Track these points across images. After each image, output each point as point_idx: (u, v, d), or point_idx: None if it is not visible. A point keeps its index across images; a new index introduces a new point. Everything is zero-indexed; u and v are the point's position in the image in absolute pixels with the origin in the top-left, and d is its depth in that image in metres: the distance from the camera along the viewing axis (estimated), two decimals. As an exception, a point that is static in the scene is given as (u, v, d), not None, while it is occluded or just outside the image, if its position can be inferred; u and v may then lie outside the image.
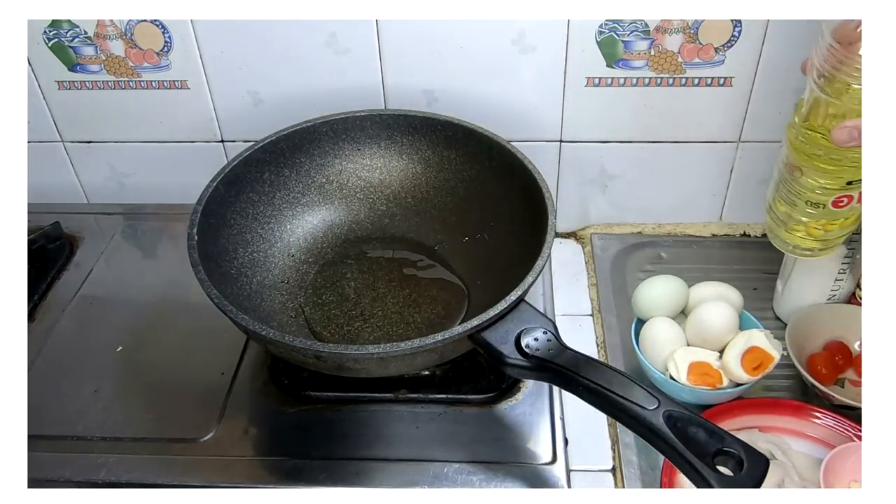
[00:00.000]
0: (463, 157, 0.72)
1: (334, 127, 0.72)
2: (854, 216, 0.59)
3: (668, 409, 0.46)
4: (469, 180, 0.72)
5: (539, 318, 0.54)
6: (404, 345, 0.51)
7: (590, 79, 0.73)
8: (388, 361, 0.54)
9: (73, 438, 0.61)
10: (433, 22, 0.70)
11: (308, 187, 0.73)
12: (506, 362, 0.52)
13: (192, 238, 0.59)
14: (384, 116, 0.73)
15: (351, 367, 0.55)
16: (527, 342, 0.52)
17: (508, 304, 0.53)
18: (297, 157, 0.72)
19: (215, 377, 0.65)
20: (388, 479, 0.57)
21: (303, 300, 0.68)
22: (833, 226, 0.60)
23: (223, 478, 0.58)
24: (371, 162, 0.75)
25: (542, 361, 0.51)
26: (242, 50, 0.74)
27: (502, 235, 0.69)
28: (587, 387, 0.49)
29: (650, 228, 0.83)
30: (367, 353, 0.52)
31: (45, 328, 0.71)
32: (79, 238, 0.83)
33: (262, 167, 0.69)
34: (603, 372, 0.49)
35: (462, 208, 0.73)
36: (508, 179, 0.68)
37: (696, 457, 0.44)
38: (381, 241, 0.74)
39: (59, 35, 0.75)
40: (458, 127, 0.71)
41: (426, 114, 0.72)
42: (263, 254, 0.69)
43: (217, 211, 0.64)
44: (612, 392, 0.48)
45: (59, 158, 0.85)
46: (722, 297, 0.66)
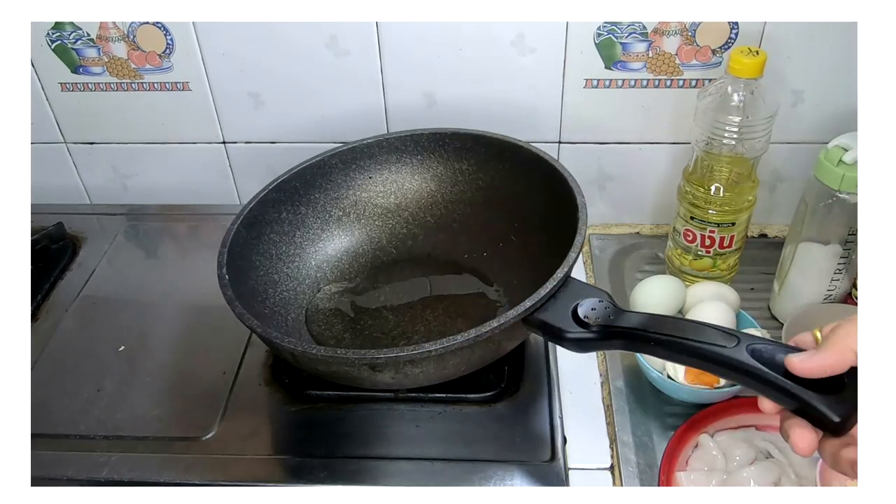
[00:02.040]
0: (475, 165, 0.72)
1: (343, 158, 0.72)
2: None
3: (750, 344, 0.44)
4: (485, 187, 0.72)
5: (590, 289, 0.52)
6: (461, 336, 0.50)
7: (588, 80, 0.73)
8: (445, 359, 0.52)
9: (76, 437, 0.61)
10: (433, 24, 0.71)
11: (326, 222, 0.73)
12: (567, 338, 0.50)
13: (224, 278, 0.58)
14: (391, 140, 0.73)
15: (409, 372, 0.53)
16: (584, 314, 0.50)
17: (557, 281, 0.52)
18: (311, 193, 0.72)
19: (217, 376, 0.66)
20: (388, 478, 0.57)
21: (341, 329, 0.68)
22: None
23: (225, 476, 0.58)
24: (384, 188, 0.75)
25: (606, 328, 0.49)
26: (243, 52, 0.75)
27: (530, 232, 0.69)
28: (661, 342, 0.46)
29: (648, 229, 0.84)
30: (424, 351, 0.50)
31: (49, 328, 0.72)
32: (81, 238, 0.84)
33: (278, 207, 0.69)
34: (672, 323, 0.47)
35: (483, 216, 0.73)
36: (525, 176, 0.68)
37: (794, 383, 0.41)
38: (408, 263, 0.74)
39: (62, 37, 0.76)
40: (466, 136, 0.71)
41: (432, 129, 0.72)
42: (293, 292, 0.69)
43: (241, 253, 0.64)
44: (689, 339, 0.45)
45: (62, 159, 0.86)
46: (719, 296, 0.66)
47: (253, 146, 0.82)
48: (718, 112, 0.63)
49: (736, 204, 0.67)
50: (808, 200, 0.63)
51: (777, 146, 0.74)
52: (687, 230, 0.70)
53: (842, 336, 0.40)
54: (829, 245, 0.64)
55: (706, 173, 0.67)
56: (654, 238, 0.82)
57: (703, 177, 0.67)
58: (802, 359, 0.41)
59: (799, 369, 0.41)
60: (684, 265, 0.73)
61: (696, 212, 0.69)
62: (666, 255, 0.77)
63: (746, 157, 0.65)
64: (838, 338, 0.40)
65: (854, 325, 0.40)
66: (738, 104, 0.63)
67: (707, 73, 0.72)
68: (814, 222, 0.64)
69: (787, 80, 0.71)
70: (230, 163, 0.84)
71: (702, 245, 0.70)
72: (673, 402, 0.63)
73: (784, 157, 0.76)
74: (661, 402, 0.63)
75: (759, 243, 0.81)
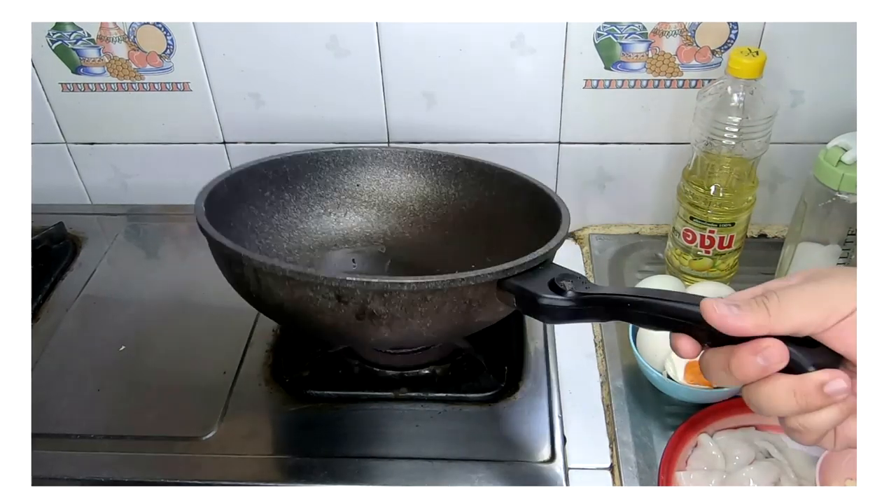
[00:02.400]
0: (462, 190, 0.72)
1: (336, 159, 0.72)
2: None
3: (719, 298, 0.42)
4: (467, 213, 0.72)
5: (569, 271, 0.51)
6: (435, 277, 0.49)
7: (588, 81, 0.73)
8: (414, 306, 0.51)
9: (77, 437, 0.61)
10: (433, 25, 0.71)
11: (306, 215, 0.73)
12: (541, 304, 0.48)
13: (201, 209, 0.57)
14: (385, 152, 0.73)
15: (375, 310, 0.51)
16: (562, 285, 0.49)
17: (538, 256, 0.51)
18: (298, 184, 0.71)
19: (217, 376, 0.66)
20: (388, 477, 0.57)
21: None
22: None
23: (225, 476, 0.58)
24: (369, 198, 0.74)
25: (583, 296, 0.48)
26: (244, 52, 0.75)
27: (507, 253, 0.67)
28: (636, 303, 0.44)
29: (648, 229, 0.84)
30: (396, 283, 0.49)
31: (49, 328, 0.72)
32: (82, 238, 0.84)
33: (264, 184, 0.69)
34: (646, 291, 0.46)
35: (461, 237, 0.72)
36: (510, 202, 0.68)
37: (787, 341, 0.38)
38: (378, 272, 0.73)
39: (62, 37, 0.76)
40: (459, 160, 0.71)
41: (427, 149, 0.72)
42: None
43: (220, 207, 0.62)
44: (664, 300, 0.43)
45: (62, 160, 0.86)
46: (719, 296, 0.66)
47: (253, 146, 0.82)
48: (718, 112, 0.63)
49: (735, 204, 0.67)
50: (807, 200, 0.64)
51: (776, 146, 0.74)
52: (686, 230, 0.71)
53: (785, 304, 0.38)
54: (828, 245, 0.64)
55: (706, 173, 0.67)
56: (654, 238, 0.83)
57: (703, 177, 0.67)
58: (723, 313, 0.38)
59: (714, 320, 0.39)
60: (684, 265, 0.73)
61: (696, 212, 0.69)
62: (665, 255, 0.77)
63: (746, 158, 0.66)
64: (782, 305, 0.38)
65: (802, 294, 0.38)
66: (737, 104, 0.63)
67: (707, 73, 0.72)
68: (813, 222, 0.64)
69: (787, 81, 0.71)
70: (230, 163, 0.84)
71: (701, 245, 0.70)
72: (672, 402, 0.63)
73: (783, 157, 0.76)
74: (660, 402, 0.64)
75: (759, 243, 0.81)
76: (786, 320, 0.38)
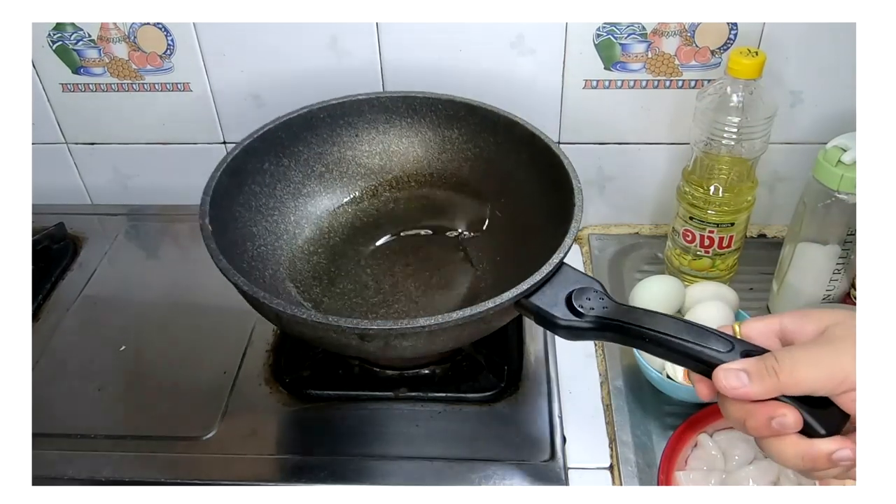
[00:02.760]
0: (465, 135, 0.71)
1: (332, 112, 0.70)
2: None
3: (745, 349, 0.43)
4: (473, 159, 0.71)
5: (584, 278, 0.52)
6: (456, 314, 0.49)
7: (588, 81, 0.73)
8: (436, 335, 0.51)
9: (78, 436, 0.62)
10: (433, 25, 0.71)
11: (308, 177, 0.71)
12: (561, 325, 0.49)
13: (207, 228, 0.57)
14: (382, 99, 0.71)
15: (398, 344, 0.52)
16: (580, 303, 0.49)
17: (553, 267, 0.51)
18: (296, 146, 0.70)
19: (218, 376, 0.66)
20: (388, 477, 0.58)
21: (319, 291, 0.67)
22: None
23: (225, 475, 0.58)
24: (370, 147, 0.73)
25: (601, 320, 0.49)
26: (244, 53, 0.75)
27: (517, 210, 0.68)
28: (657, 340, 0.46)
29: (647, 229, 0.84)
30: (417, 326, 0.49)
31: (50, 327, 0.72)
32: (82, 239, 0.84)
33: (261, 157, 0.68)
34: (667, 322, 0.46)
35: (469, 188, 0.72)
36: (516, 153, 0.67)
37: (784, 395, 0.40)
38: (390, 226, 0.72)
39: (63, 38, 0.76)
40: (460, 104, 0.69)
41: (427, 93, 0.71)
42: (271, 247, 0.67)
43: (223, 203, 0.62)
44: (685, 340, 0.44)
45: (63, 160, 0.86)
46: (718, 296, 0.66)
47: (253, 146, 0.82)
48: (717, 113, 0.64)
49: (735, 204, 0.67)
50: (806, 201, 0.64)
51: (776, 147, 0.74)
52: (686, 230, 0.71)
53: (797, 371, 0.39)
54: (827, 245, 0.64)
55: (705, 174, 0.67)
56: (654, 238, 0.83)
57: (703, 177, 0.68)
58: (734, 385, 0.40)
59: (726, 391, 0.40)
60: (683, 265, 0.73)
61: (696, 212, 0.69)
62: (665, 255, 0.77)
63: (745, 158, 0.66)
64: (793, 372, 0.39)
65: (815, 360, 0.39)
66: (737, 105, 0.63)
67: (706, 73, 0.72)
68: (812, 222, 0.64)
69: (786, 81, 0.71)
70: (231, 163, 0.84)
71: (701, 245, 0.71)
72: (672, 402, 0.63)
73: (783, 157, 0.77)
74: (660, 402, 0.64)
75: (758, 243, 0.81)
76: (796, 386, 0.39)
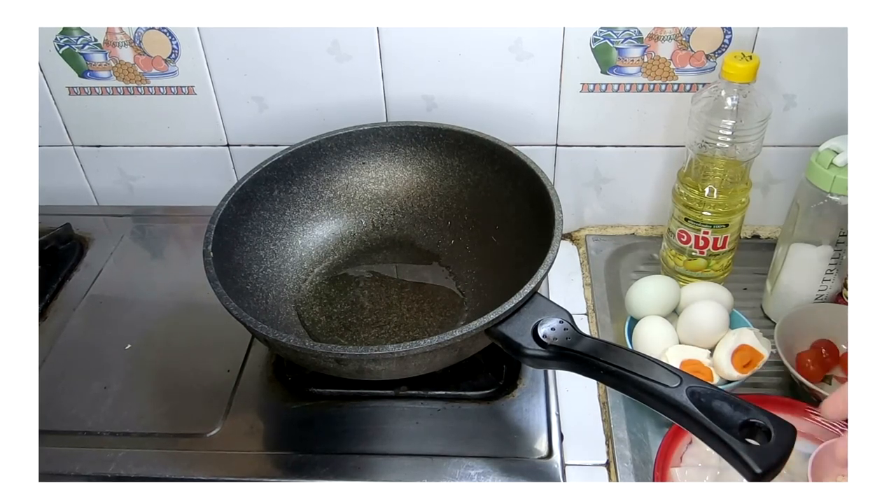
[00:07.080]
0: (466, 163, 0.73)
1: (339, 142, 0.73)
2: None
3: (690, 386, 0.46)
4: (473, 185, 0.73)
5: (553, 308, 0.54)
6: (424, 342, 0.52)
7: (585, 85, 0.74)
8: (408, 361, 0.54)
9: (83, 433, 0.62)
10: (433, 30, 0.72)
11: (317, 203, 0.74)
12: (525, 353, 0.52)
13: (208, 255, 0.60)
14: (387, 129, 0.74)
15: (371, 368, 0.55)
16: (544, 332, 0.52)
17: (523, 297, 0.53)
18: (305, 173, 0.73)
19: (221, 374, 0.67)
20: (388, 474, 0.58)
21: (318, 311, 0.69)
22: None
23: (228, 472, 0.59)
24: (376, 174, 0.76)
25: (560, 350, 0.51)
26: (247, 57, 0.76)
27: (510, 236, 0.70)
28: (608, 370, 0.49)
29: (643, 230, 0.85)
30: (387, 353, 0.52)
31: (56, 326, 0.73)
32: (89, 239, 0.85)
33: (270, 185, 0.70)
34: (622, 355, 0.49)
35: (468, 213, 0.74)
36: (512, 181, 0.69)
37: (724, 429, 0.43)
38: (390, 251, 0.75)
39: (69, 42, 0.77)
40: (460, 134, 0.72)
41: (427, 123, 0.73)
42: (277, 269, 0.70)
43: (230, 229, 0.65)
44: (634, 373, 0.47)
45: (69, 162, 0.87)
46: (713, 296, 0.67)
47: (256, 149, 0.83)
48: (712, 116, 0.64)
49: (729, 206, 0.68)
50: (799, 202, 0.64)
51: (769, 149, 0.75)
52: (681, 231, 0.72)
53: None
54: (820, 246, 0.65)
55: (700, 175, 0.68)
56: (650, 239, 0.84)
57: (697, 179, 0.69)
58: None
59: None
60: (679, 266, 0.74)
61: (691, 213, 0.70)
62: (661, 256, 0.78)
63: (739, 160, 0.67)
64: None
65: None
66: (731, 108, 0.64)
67: (701, 77, 0.73)
68: (805, 224, 0.65)
69: (780, 85, 0.72)
70: (234, 165, 0.85)
71: (696, 246, 0.71)
72: (667, 400, 0.64)
73: (776, 159, 0.77)
74: (655, 400, 0.64)
75: (752, 244, 0.82)
76: None
